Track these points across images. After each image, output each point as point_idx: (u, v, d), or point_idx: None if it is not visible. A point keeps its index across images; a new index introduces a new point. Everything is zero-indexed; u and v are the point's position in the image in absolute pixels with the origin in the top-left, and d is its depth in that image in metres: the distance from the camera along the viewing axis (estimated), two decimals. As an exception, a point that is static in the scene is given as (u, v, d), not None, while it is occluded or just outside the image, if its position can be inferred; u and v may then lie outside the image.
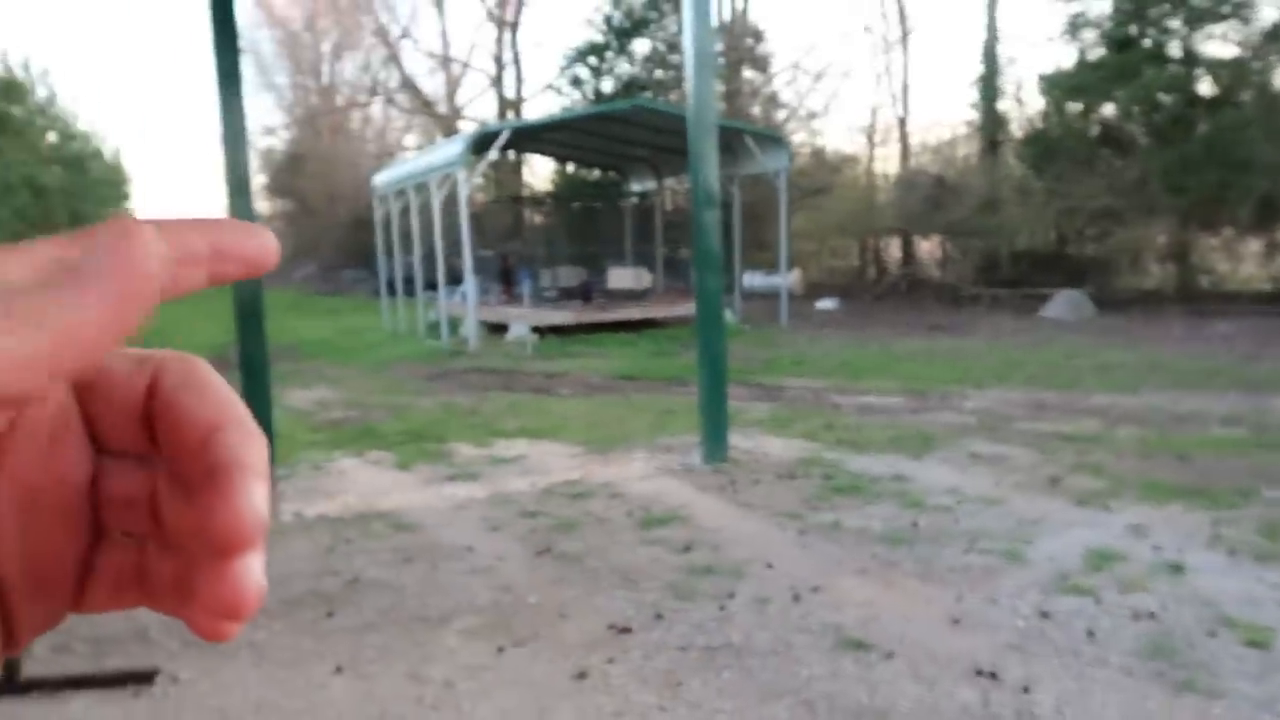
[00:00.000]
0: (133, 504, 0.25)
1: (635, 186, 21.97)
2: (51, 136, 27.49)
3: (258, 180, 50.48)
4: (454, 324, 16.11)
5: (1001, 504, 5.37)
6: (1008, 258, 19.12)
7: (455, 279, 16.96)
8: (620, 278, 17.54)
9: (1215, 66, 16.77)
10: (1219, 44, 16.93)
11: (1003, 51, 21.50)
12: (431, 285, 17.06)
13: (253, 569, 0.22)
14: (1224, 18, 16.48)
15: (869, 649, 3.42)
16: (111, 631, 3.80)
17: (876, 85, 30.22)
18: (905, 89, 25.14)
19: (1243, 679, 3.11)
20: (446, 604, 4.00)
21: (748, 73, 25.17)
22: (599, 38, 24.49)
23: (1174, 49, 17.05)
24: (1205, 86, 17.03)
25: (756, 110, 25.48)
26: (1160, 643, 3.41)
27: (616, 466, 6.62)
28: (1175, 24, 16.82)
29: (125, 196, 37.93)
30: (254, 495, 0.22)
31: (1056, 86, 18.28)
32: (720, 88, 23.72)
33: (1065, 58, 18.85)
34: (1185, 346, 13.11)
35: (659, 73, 24.50)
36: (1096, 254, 19.55)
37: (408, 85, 32.26)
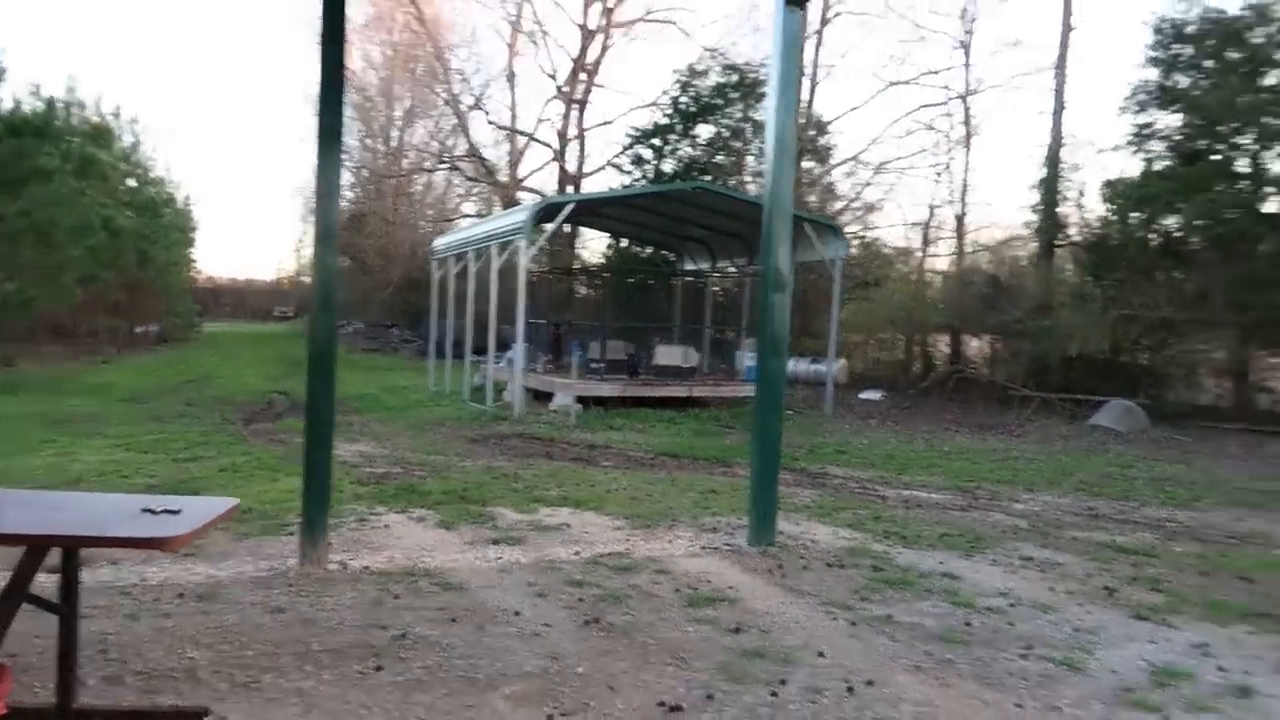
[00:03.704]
0: None
1: (689, 266, 22.22)
2: (130, 181, 28.61)
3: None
4: (497, 389, 16.24)
5: (1056, 611, 5.23)
6: (1060, 362, 18.90)
7: (501, 345, 17.17)
8: (668, 355, 17.62)
9: (1286, 185, 16.71)
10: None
11: (1066, 156, 21.63)
12: (479, 350, 17.28)
13: None
14: (1295, 137, 16.48)
15: (927, 749, 3.32)
16: (163, 668, 3.81)
17: (935, 182, 30.37)
18: (965, 187, 25.30)
19: (1325, 815, 2.97)
20: (494, 667, 3.96)
21: (807, 162, 25.56)
22: (664, 119, 25.10)
23: (1242, 165, 17.03)
24: (1273, 204, 16.94)
25: (813, 199, 25.79)
26: (1234, 769, 3.27)
27: (661, 542, 6.57)
28: (1246, 141, 16.83)
29: (191, 242, 39.17)
30: None
31: (1120, 195, 18.29)
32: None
33: (1130, 167, 18.85)
34: (1243, 465, 12.80)
35: (720, 157, 24.95)
36: (1152, 365, 19.27)
37: (473, 154, 33.14)
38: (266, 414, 14.75)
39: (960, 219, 25.25)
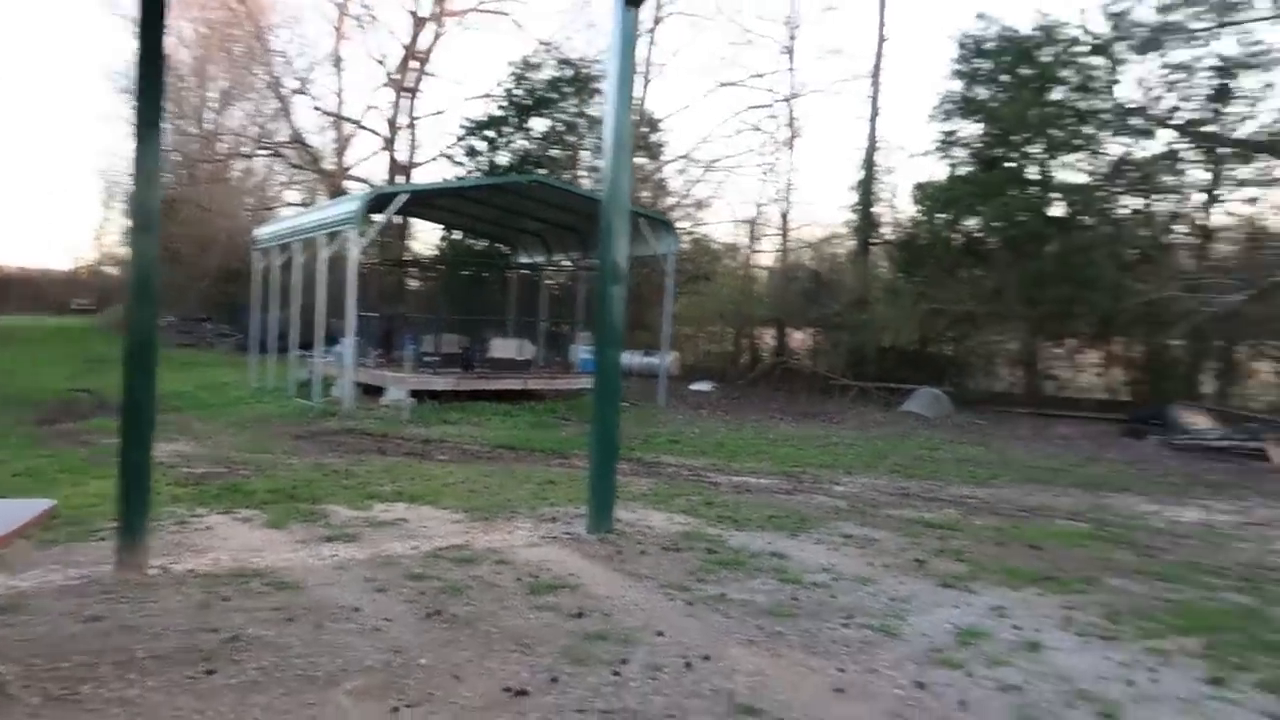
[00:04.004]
0: None
1: (524, 259, 22.17)
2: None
3: (123, 223, 47.96)
4: (325, 385, 15.71)
5: (874, 583, 5.63)
6: (875, 353, 20.11)
7: (329, 339, 16.60)
8: (503, 348, 17.53)
9: (1067, 191, 18.43)
10: (1072, 171, 18.65)
11: (880, 160, 22.99)
12: (306, 344, 16.63)
13: None
14: (1077, 149, 18.19)
15: (761, 714, 3.54)
16: (-36, 684, 3.54)
17: (762, 181, 31.53)
18: (789, 187, 26.41)
19: (1098, 747, 3.39)
20: (334, 664, 3.90)
21: (639, 158, 25.99)
22: (498, 112, 24.88)
23: (1033, 173, 18.65)
24: (1058, 209, 18.64)
25: (646, 194, 26.26)
26: (1025, 713, 3.67)
27: (500, 534, 6.59)
28: (1035, 150, 18.43)
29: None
30: None
31: (928, 197, 19.65)
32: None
33: (938, 171, 20.27)
34: (1031, 445, 14.06)
35: (554, 150, 25.00)
36: (955, 355, 20.82)
37: (297, 140, 31.67)
38: (69, 414, 13.67)
39: (785, 217, 26.36)
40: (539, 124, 25.33)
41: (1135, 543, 7.22)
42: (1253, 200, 17.75)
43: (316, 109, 31.78)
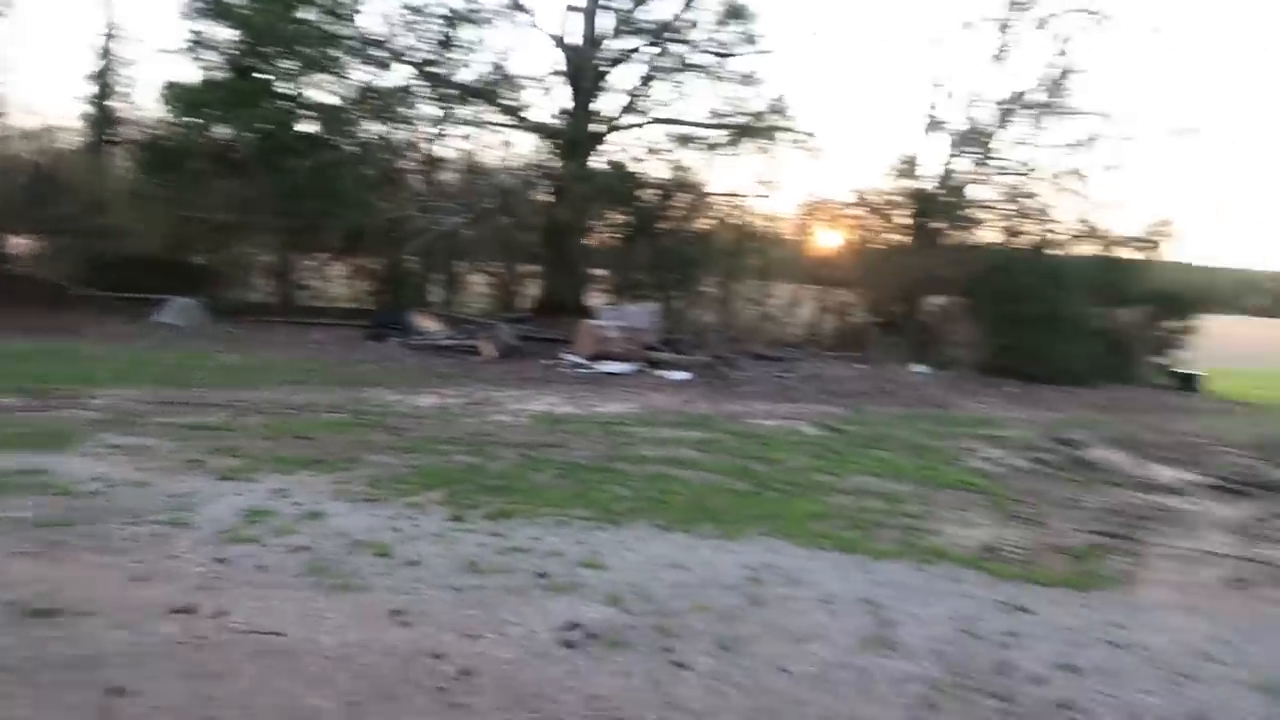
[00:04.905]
0: None
1: None
2: None
3: None
4: None
5: (151, 485, 5.71)
6: (119, 260, 18.56)
7: None
8: None
9: (318, 110, 19.19)
10: (322, 92, 19.41)
11: (121, 51, 20.79)
12: None
13: None
14: (325, 70, 18.96)
15: (59, 613, 3.54)
16: None
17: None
18: (1, 66, 22.11)
19: (378, 576, 4.26)
20: None
21: None
22: None
23: (285, 88, 18.90)
24: (310, 126, 19.31)
25: None
26: (317, 565, 4.33)
27: None
28: (288, 65, 18.68)
29: None
30: None
31: (178, 99, 18.49)
32: None
33: (190, 73, 19.04)
34: (289, 351, 14.76)
35: None
36: (210, 265, 20.33)
37: None
38: None
39: (-4, 98, 22.15)
40: None
41: (387, 426, 8.41)
42: (467, 137, 20.82)
43: None
